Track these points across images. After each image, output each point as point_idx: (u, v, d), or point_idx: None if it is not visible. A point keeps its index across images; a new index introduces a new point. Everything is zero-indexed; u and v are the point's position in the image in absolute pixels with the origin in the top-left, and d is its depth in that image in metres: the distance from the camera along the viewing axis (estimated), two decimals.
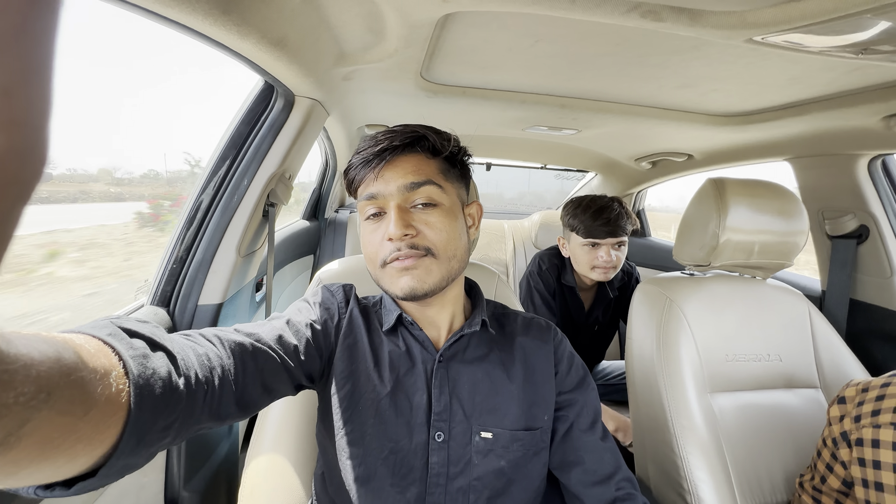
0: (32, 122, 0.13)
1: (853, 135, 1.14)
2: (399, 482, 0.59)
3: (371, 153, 0.60)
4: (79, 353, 0.28)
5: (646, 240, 2.40)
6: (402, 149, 0.60)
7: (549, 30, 0.79)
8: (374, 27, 0.79)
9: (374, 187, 0.60)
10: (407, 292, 0.59)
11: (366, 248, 0.63)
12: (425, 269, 0.59)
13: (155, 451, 0.36)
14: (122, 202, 1.35)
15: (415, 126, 0.63)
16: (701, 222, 1.06)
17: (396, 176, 0.59)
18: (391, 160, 0.60)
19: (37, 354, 0.24)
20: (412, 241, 0.58)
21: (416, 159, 0.61)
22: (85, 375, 0.27)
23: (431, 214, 0.60)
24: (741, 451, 0.94)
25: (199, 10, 0.52)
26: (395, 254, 0.58)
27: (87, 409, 0.27)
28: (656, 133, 1.50)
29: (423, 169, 0.61)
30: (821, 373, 1.06)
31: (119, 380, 0.30)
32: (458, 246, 0.62)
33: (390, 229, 0.57)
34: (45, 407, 0.23)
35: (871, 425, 0.70)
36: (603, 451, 0.66)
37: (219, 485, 1.00)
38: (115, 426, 0.30)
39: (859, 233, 1.30)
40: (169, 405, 0.35)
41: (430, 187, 0.60)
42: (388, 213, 0.60)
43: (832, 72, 0.86)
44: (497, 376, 0.65)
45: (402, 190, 0.59)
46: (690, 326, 1.01)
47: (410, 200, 0.60)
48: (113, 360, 0.31)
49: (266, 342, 0.53)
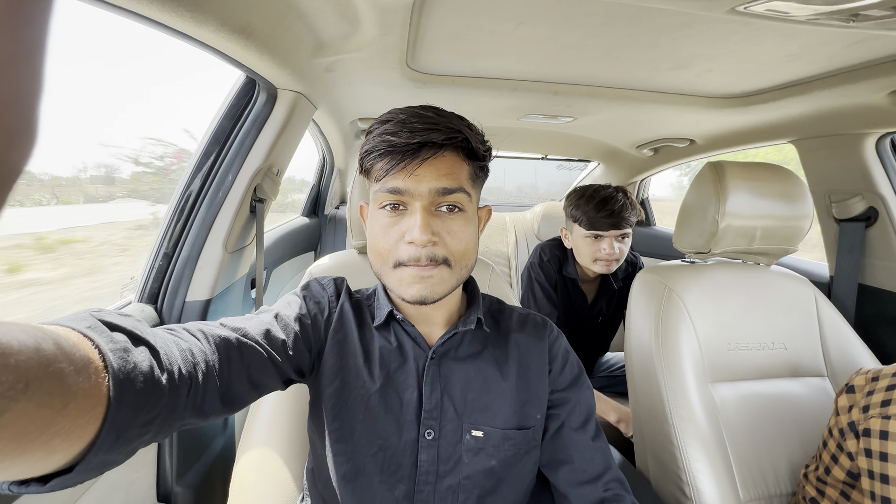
0: (23, 102, 0.13)
1: (859, 113, 1.09)
2: (387, 479, 0.58)
3: (404, 144, 0.53)
4: (59, 345, 0.27)
5: (650, 229, 2.36)
6: (442, 146, 0.55)
7: (530, 11, 0.76)
8: (345, 14, 0.77)
9: (401, 182, 0.54)
10: (417, 300, 0.56)
11: (376, 240, 0.58)
12: (440, 279, 0.56)
13: (135, 448, 0.35)
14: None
15: (455, 120, 0.57)
16: (700, 208, 1.04)
17: (430, 177, 0.54)
18: (429, 157, 0.55)
19: (16, 344, 0.23)
20: (432, 251, 0.55)
21: (451, 160, 0.56)
22: (64, 367, 0.26)
23: (455, 222, 0.57)
24: (744, 442, 0.91)
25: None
26: (414, 262, 0.55)
27: (66, 402, 0.26)
28: (656, 118, 1.46)
29: (456, 173, 0.56)
30: (828, 360, 1.03)
31: (98, 374, 0.30)
32: (472, 254, 0.60)
33: (414, 234, 0.53)
34: (22, 398, 0.23)
35: (881, 416, 0.67)
36: (593, 450, 0.64)
37: (213, 480, 1.00)
38: (94, 421, 0.29)
39: (868, 215, 1.25)
40: (150, 400, 0.34)
41: (459, 195, 0.56)
42: (409, 210, 0.56)
43: (831, 46, 0.82)
44: (490, 374, 0.64)
45: (432, 193, 0.55)
46: (690, 315, 0.98)
47: (437, 203, 0.56)
48: (93, 354, 0.30)
49: (252, 336, 0.52)
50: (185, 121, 1.98)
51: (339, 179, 2.23)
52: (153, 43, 0.67)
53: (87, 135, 1.50)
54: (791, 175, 1.04)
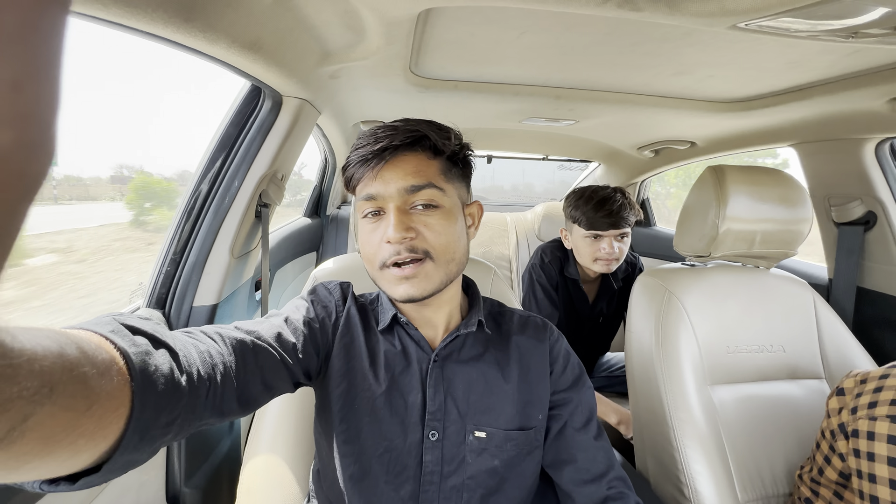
0: (41, 116, 0.13)
1: (859, 118, 1.10)
2: (393, 480, 0.60)
3: (370, 151, 0.57)
4: (81, 349, 0.28)
5: (650, 229, 2.37)
6: (403, 148, 0.58)
7: (533, 21, 0.77)
8: (352, 25, 0.78)
9: (372, 188, 0.58)
10: (406, 298, 0.58)
11: (364, 247, 0.62)
12: (424, 275, 0.58)
13: (158, 447, 0.36)
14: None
15: (416, 123, 0.60)
16: (700, 212, 1.04)
17: (396, 177, 0.57)
18: (391, 160, 0.58)
19: (40, 349, 0.24)
20: (411, 244, 0.57)
21: (416, 159, 0.59)
22: (87, 371, 0.27)
23: (432, 216, 0.58)
24: (742, 444, 0.93)
25: (159, 18, 0.52)
26: (395, 258, 0.57)
27: (90, 404, 0.27)
28: (657, 121, 1.47)
29: (423, 170, 0.59)
30: (825, 363, 1.04)
31: (121, 376, 0.31)
32: (457, 248, 0.61)
33: (389, 232, 0.56)
34: (47, 402, 0.24)
35: (868, 417, 0.69)
36: (596, 450, 0.66)
37: (220, 482, 1.02)
38: (118, 422, 0.30)
39: (866, 219, 1.26)
40: (171, 401, 0.35)
41: (430, 190, 0.58)
42: (387, 213, 0.58)
43: (831, 55, 0.83)
44: (492, 376, 0.65)
45: (401, 192, 0.57)
46: (690, 318, 1.00)
47: (410, 202, 0.58)
48: (115, 357, 0.31)
49: (266, 339, 0.53)
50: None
51: (341, 180, 2.24)
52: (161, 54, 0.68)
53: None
54: (791, 179, 1.05)
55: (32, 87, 0.12)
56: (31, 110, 0.12)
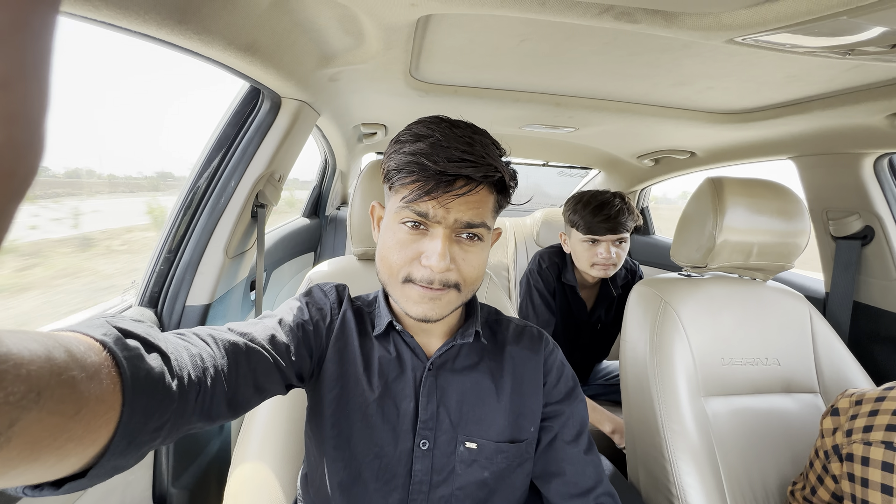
0: (30, 115, 0.13)
1: (858, 133, 1.10)
2: (382, 487, 0.59)
3: (439, 173, 0.52)
4: (70, 352, 0.27)
5: (649, 237, 2.37)
6: (478, 184, 0.54)
7: (532, 29, 0.77)
8: (351, 30, 0.78)
9: (429, 208, 0.54)
10: (421, 318, 0.57)
11: (389, 253, 0.57)
12: (447, 301, 0.57)
13: (145, 452, 0.36)
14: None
15: (492, 153, 0.55)
16: (698, 223, 1.04)
17: (459, 209, 0.54)
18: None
19: (27, 353, 0.23)
20: (447, 276, 0.55)
21: (482, 195, 0.56)
22: (76, 375, 0.27)
23: (472, 249, 0.57)
24: (735, 457, 0.92)
25: (151, 20, 0.52)
26: (426, 284, 0.55)
27: (78, 408, 0.27)
28: (656, 131, 1.47)
29: (483, 208, 0.56)
30: (820, 377, 1.04)
31: (111, 379, 0.30)
32: (481, 278, 0.60)
33: (433, 260, 0.53)
34: (34, 407, 0.23)
35: (862, 442, 0.68)
36: (585, 464, 0.65)
37: (209, 483, 1.01)
38: (107, 426, 0.30)
39: (864, 234, 1.26)
40: (161, 406, 0.35)
41: (481, 229, 0.57)
42: (431, 234, 0.55)
43: (831, 69, 0.83)
44: (485, 387, 0.64)
45: (458, 223, 0.55)
46: (685, 329, 0.99)
47: (458, 231, 0.56)
48: (105, 360, 0.31)
49: (259, 342, 0.52)
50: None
51: (341, 181, 2.24)
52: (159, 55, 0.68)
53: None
54: (788, 192, 1.05)
55: (21, 85, 0.12)
56: (20, 109, 0.12)
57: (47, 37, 0.13)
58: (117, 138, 1.72)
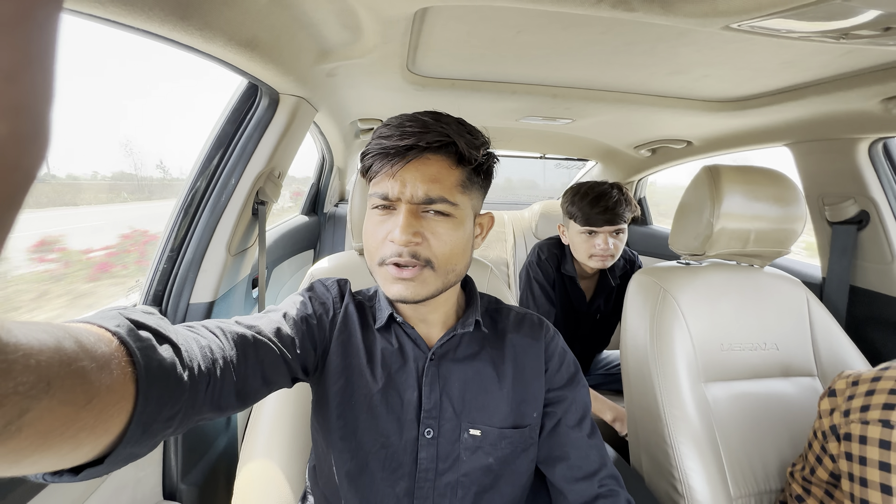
0: (35, 108, 0.13)
1: (852, 118, 1.11)
2: (389, 476, 0.60)
3: (393, 147, 0.55)
4: (80, 342, 0.28)
5: (647, 228, 2.38)
6: (428, 150, 0.56)
7: (529, 20, 0.77)
8: (349, 24, 0.78)
9: (388, 186, 0.56)
10: (398, 298, 0.58)
11: (367, 239, 0.61)
12: (421, 281, 0.57)
13: (158, 441, 0.36)
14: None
15: (448, 124, 0.57)
16: (695, 211, 1.05)
17: (414, 180, 0.55)
18: (413, 161, 0.56)
19: (36, 344, 0.24)
20: (415, 250, 0.56)
21: (438, 165, 0.57)
22: (86, 365, 0.27)
23: (441, 225, 0.57)
24: (735, 440, 0.94)
25: (155, 17, 0.52)
26: (395, 259, 0.56)
27: (89, 398, 0.27)
28: (653, 120, 1.48)
29: (442, 179, 0.56)
30: (818, 361, 1.05)
31: (122, 370, 0.31)
32: (459, 260, 0.60)
33: (395, 233, 0.55)
34: (45, 396, 0.24)
35: (860, 421, 0.69)
36: (589, 447, 0.66)
37: (217, 478, 1.02)
38: (120, 415, 0.31)
39: (860, 218, 1.27)
40: (174, 396, 0.36)
41: (442, 205, 0.57)
42: (397, 211, 0.57)
43: (825, 55, 0.84)
44: (487, 374, 0.65)
45: (416, 197, 0.56)
46: (685, 316, 1.00)
47: (423, 206, 0.57)
48: (116, 350, 0.31)
49: (266, 334, 0.53)
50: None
51: (339, 178, 2.24)
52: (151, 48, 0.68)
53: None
54: (785, 178, 1.06)
55: (26, 77, 0.12)
56: (25, 102, 0.12)
57: (52, 28, 0.13)
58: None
